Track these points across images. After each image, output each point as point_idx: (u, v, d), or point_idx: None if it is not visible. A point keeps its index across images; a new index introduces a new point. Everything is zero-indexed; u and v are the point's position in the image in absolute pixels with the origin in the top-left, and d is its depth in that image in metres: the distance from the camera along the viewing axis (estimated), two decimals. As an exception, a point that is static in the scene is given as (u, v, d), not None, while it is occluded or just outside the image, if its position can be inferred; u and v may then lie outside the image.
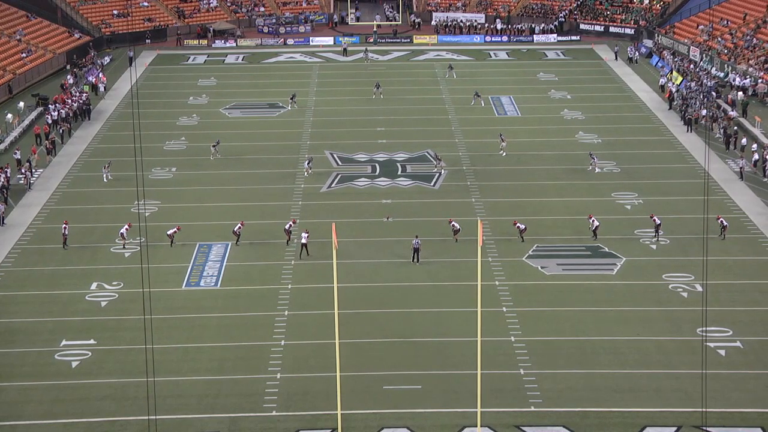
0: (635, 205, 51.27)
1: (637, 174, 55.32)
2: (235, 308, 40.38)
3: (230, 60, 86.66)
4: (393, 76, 78.50)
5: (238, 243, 45.98)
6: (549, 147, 60.09)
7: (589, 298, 40.96)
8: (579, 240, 46.70)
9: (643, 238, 46.76)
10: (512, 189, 53.58)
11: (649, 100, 71.50)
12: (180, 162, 58.22)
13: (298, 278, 42.85)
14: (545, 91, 74.05)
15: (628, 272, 43.35)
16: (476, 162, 57.78)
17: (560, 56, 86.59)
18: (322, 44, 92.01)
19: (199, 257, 45.23)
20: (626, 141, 61.56)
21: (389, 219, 49.40)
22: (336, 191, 53.88)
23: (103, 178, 54.94)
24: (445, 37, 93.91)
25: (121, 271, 43.55)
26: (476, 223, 42.41)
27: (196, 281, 42.87)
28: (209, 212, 50.82)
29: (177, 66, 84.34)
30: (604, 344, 37.20)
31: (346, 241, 45.26)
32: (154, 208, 51.05)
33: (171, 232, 46.17)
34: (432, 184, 54.41)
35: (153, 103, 70.47)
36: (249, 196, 53.02)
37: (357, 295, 41.11)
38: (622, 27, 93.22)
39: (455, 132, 63.63)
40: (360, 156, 59.36)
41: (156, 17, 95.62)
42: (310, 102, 71.35)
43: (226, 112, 69.54)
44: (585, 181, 54.66)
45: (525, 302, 40.55)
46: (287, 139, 62.23)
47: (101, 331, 38.39)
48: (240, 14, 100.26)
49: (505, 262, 44.27)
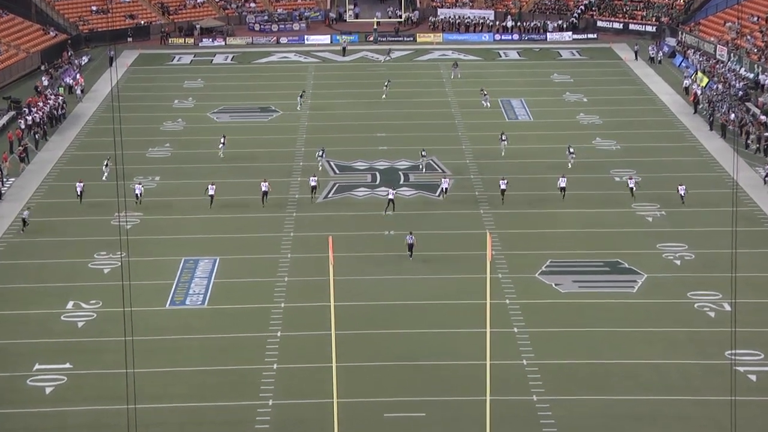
0: (657, 217, 51.31)
1: (660, 183, 55.38)
2: (224, 329, 40.38)
3: (218, 60, 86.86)
4: (394, 78, 78.65)
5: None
6: (563, 154, 60.14)
7: (607, 317, 40.97)
8: (596, 255, 46.72)
9: (666, 252, 46.80)
10: (523, 199, 53.63)
11: (672, 103, 71.63)
12: (164, 170, 58.30)
13: (292, 296, 42.89)
14: (559, 94, 74.18)
15: (649, 290, 43.36)
16: (485, 170, 57.86)
17: (576, 56, 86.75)
18: (318, 43, 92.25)
19: (184, 273, 45.25)
20: (647, 147, 61.64)
21: (391, 233, 49.44)
22: (333, 202, 53.94)
23: (102, 177, 55.46)
24: (451, 35, 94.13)
25: (99, 289, 43.57)
26: (485, 236, 42.43)
27: (182, 299, 42.89)
28: (195, 225, 50.86)
29: (161, 66, 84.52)
30: (624, 368, 37.19)
31: (344, 257, 45.29)
32: (136, 221, 51.11)
33: (212, 192, 52.01)
34: (437, 194, 54.49)
35: (135, 107, 70.61)
36: (238, 206, 53.03)
37: (355, 314, 41.12)
38: (642, 24, 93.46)
39: (462, 138, 63.74)
40: (359, 164, 59.45)
41: (138, 14, 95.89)
42: (305, 105, 71.49)
43: (214, 117, 69.67)
44: (602, 191, 54.72)
45: (538, 322, 40.55)
46: (280, 145, 62.32)
47: (78, 354, 38.39)
48: (229, 11, 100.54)
49: (516, 279, 44.29)
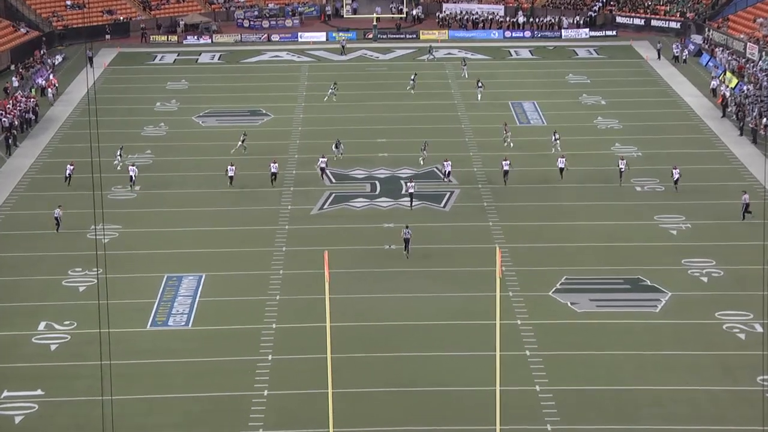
0: (682, 230, 51.34)
1: (685, 193, 55.41)
2: (210, 352, 40.35)
3: (204, 59, 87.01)
4: (395, 78, 78.79)
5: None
6: (579, 161, 60.21)
7: (627, 339, 40.94)
8: (616, 271, 46.72)
9: (692, 268, 46.81)
10: (536, 211, 53.66)
11: (698, 106, 71.71)
12: (145, 179, 58.35)
13: (284, 316, 42.87)
14: (575, 96, 74.28)
15: (674, 310, 43.34)
16: (494, 179, 57.91)
17: (593, 54, 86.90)
18: (312, 41, 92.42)
19: (167, 292, 45.24)
20: (671, 154, 61.68)
21: (391, 247, 49.48)
22: (329, 213, 53.98)
23: (116, 167, 58.30)
24: (457, 32, 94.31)
25: (74, 309, 43.56)
26: (494, 250, 42.44)
27: (164, 320, 42.88)
28: (179, 238, 50.87)
29: (141, 66, 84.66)
30: (646, 395, 37.16)
31: (341, 273, 45.30)
32: (114, 234, 51.12)
33: (232, 173, 56.10)
34: (442, 205, 54.52)
35: (113, 110, 70.70)
36: (226, 219, 53.09)
37: (353, 336, 41.10)
38: (666, 20, 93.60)
39: (469, 144, 63.81)
40: (357, 172, 59.51)
41: (117, 9, 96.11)
42: (298, 109, 71.57)
43: (199, 121, 69.76)
44: (622, 201, 54.77)
45: (552, 344, 40.52)
46: (272, 152, 62.33)
47: (50, 380, 38.35)
48: (216, 5, 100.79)
49: (529, 297, 44.29)
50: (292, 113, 70.65)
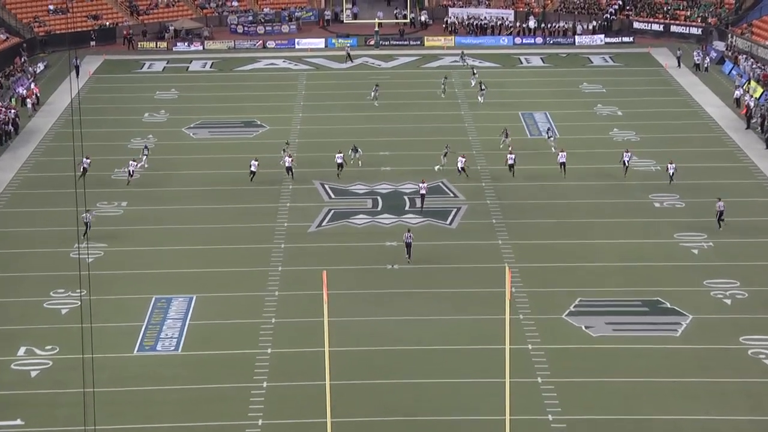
0: (704, 248, 51.39)
1: (707, 210, 55.49)
2: (201, 378, 40.39)
3: (195, 67, 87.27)
4: (399, 87, 79.00)
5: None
6: (595, 176, 60.31)
7: (646, 366, 40.96)
8: (633, 293, 46.77)
9: (715, 290, 46.86)
10: (548, 228, 53.75)
11: (721, 117, 71.84)
12: (132, 195, 58.49)
13: (280, 340, 42.92)
14: (590, 106, 74.46)
15: (695, 334, 43.35)
16: (503, 194, 58.03)
17: (609, 62, 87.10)
18: (310, 47, 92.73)
19: (155, 314, 45.31)
20: (692, 168, 61.77)
21: (394, 267, 49.57)
22: (328, 231, 54.08)
23: (143, 164, 61.39)
24: (465, 38, 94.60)
25: (56, 333, 43.60)
26: (503, 270, 42.52)
27: (152, 345, 42.93)
28: (168, 258, 50.96)
29: (129, 74, 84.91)
30: (665, 425, 37.15)
31: (340, 294, 45.38)
32: (99, 253, 51.21)
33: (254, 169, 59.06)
34: (448, 222, 54.63)
35: (98, 121, 70.86)
36: (219, 237, 53.19)
37: (354, 361, 41.14)
38: (686, 26, 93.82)
39: (477, 157, 63.94)
40: (357, 187, 59.64)
41: (103, 14, 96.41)
42: (295, 120, 71.75)
43: (190, 133, 69.94)
44: (640, 218, 54.85)
45: (565, 371, 40.56)
46: (266, 166, 62.48)
47: (31, 408, 38.34)
48: (208, 10, 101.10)
49: (541, 320, 44.34)
50: (289, 125, 70.82)
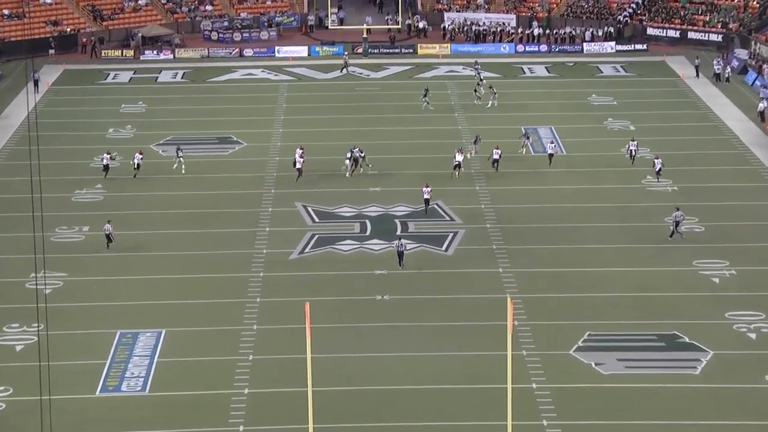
0: (726, 277, 51.41)
1: (729, 235, 55.52)
2: (171, 422, 40.21)
3: (165, 78, 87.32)
4: (389, 100, 79.06)
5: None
6: (604, 197, 60.35)
7: (662, 407, 40.90)
8: (648, 326, 46.74)
9: (738, 323, 46.84)
10: (554, 255, 53.76)
11: (743, 131, 72.01)
12: (95, 218, 58.33)
13: (258, 379, 42.77)
14: (600, 120, 74.59)
15: (717, 371, 43.30)
16: (504, 218, 58.04)
17: (620, 72, 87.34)
18: (292, 56, 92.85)
19: (119, 351, 45.14)
20: (712, 189, 61.87)
21: (384, 297, 49.51)
22: (311, 258, 54.01)
23: (180, 168, 64.56)
24: (462, 45, 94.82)
25: (10, 372, 43.41)
26: (504, 301, 42.47)
27: (116, 385, 42.77)
28: (135, 288, 50.81)
29: (91, 86, 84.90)
30: (685, 472, 37.18)
31: (325, 328, 45.30)
32: (58, 283, 51.06)
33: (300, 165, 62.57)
34: (443, 248, 54.60)
35: (58, 138, 70.79)
36: (190, 265, 53.08)
37: (339, 402, 41.02)
38: (705, 32, 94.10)
39: (476, 177, 63.97)
40: (344, 210, 59.62)
41: (63, 19, 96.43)
42: (275, 135, 71.76)
43: (159, 150, 69.87)
44: (655, 243, 54.86)
45: (573, 413, 40.48)
46: (244, 186, 62.44)
47: (-18, 455, 38.29)
48: (179, 15, 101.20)
49: (546, 357, 44.26)
50: (268, 141, 70.84)
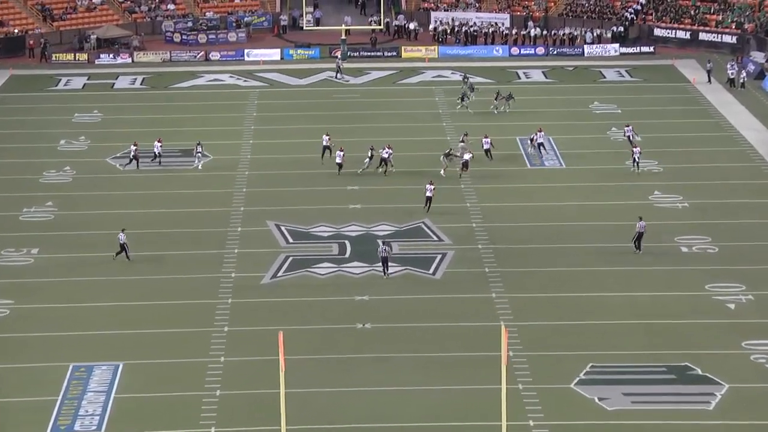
0: (742, 302, 51.47)
1: (745, 256, 55.63)
2: (128, 465, 40.20)
3: (123, 84, 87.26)
4: (370, 108, 79.10)
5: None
6: (608, 215, 60.44)
7: (673, 445, 41.03)
8: (656, 357, 46.76)
9: (757, 353, 46.88)
10: (552, 278, 53.78)
11: (760, 142, 72.23)
12: (45, 239, 58.22)
13: (226, 416, 42.65)
14: (602, 130, 74.75)
15: (733, 407, 43.30)
16: (497, 238, 58.07)
17: (625, 77, 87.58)
18: (263, 60, 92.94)
19: (72, 387, 44.97)
20: (726, 205, 62.00)
21: (366, 326, 49.49)
22: (284, 283, 53.94)
23: (197, 165, 67.43)
24: (450, 48, 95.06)
25: (-49, 409, 43.34)
26: (498, 330, 42.49)
27: (69, 424, 42.61)
28: (89, 317, 50.64)
29: (41, 93, 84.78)
30: None
31: (300, 360, 45.24)
32: (5, 311, 50.94)
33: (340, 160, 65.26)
34: (431, 271, 54.56)
35: (4, 151, 70.64)
36: (151, 291, 52.92)
37: (316, 442, 41.02)
38: (718, 33, 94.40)
39: (466, 192, 64.01)
40: (321, 229, 59.60)
41: (9, 20, 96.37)
42: (244, 147, 71.74)
43: (116, 164, 69.76)
44: (664, 266, 54.91)
45: (575, 453, 40.58)
46: (211, 203, 62.38)
47: None
48: (138, 15, 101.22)
49: (544, 391, 44.24)
50: (237, 153, 70.81)
